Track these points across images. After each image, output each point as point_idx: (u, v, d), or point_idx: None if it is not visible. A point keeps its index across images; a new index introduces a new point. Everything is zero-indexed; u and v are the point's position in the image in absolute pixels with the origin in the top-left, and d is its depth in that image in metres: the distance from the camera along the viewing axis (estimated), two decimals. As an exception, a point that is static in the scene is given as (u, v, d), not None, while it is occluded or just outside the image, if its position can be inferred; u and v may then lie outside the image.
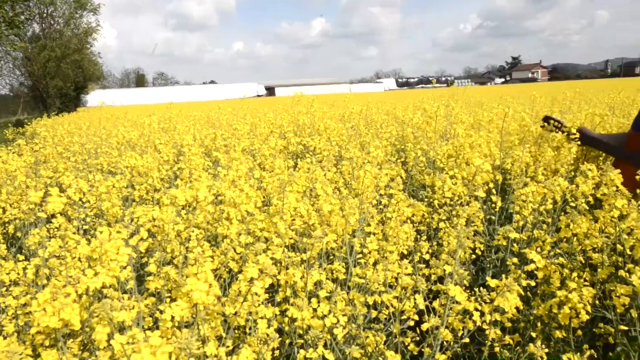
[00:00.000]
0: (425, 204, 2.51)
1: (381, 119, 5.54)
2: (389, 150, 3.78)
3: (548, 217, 2.02)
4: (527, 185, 1.96)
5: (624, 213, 1.50)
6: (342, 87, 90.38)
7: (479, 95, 15.20)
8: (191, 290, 0.86)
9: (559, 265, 1.69)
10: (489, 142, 2.89)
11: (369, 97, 11.94)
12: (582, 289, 1.30)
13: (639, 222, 1.41)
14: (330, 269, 1.65)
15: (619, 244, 1.60)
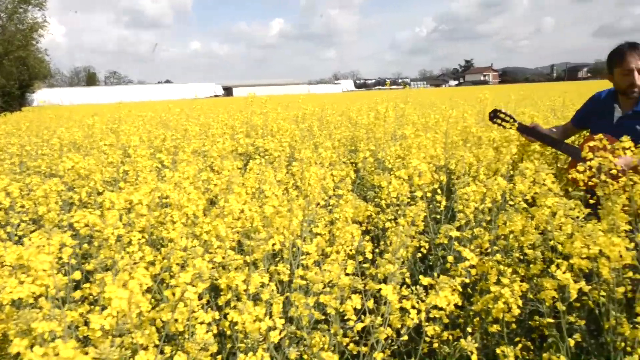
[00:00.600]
0: (374, 204, 2.54)
1: (335, 120, 5.59)
2: (341, 151, 3.82)
3: (488, 216, 2.09)
4: (469, 185, 2.02)
5: (554, 211, 1.57)
6: (300, 88, 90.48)
7: (433, 97, 15.58)
8: (110, 298, 0.83)
9: (495, 262, 1.76)
10: (435, 143, 2.96)
11: (325, 98, 12.00)
12: (514, 284, 1.35)
13: (567, 219, 1.48)
14: (275, 271, 1.64)
15: (551, 241, 1.68)
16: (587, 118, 2.93)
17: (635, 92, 2.62)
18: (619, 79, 2.67)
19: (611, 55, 2.73)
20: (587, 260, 1.35)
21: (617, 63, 2.67)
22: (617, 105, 2.73)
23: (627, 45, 2.66)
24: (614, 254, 1.25)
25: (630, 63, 2.59)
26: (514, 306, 1.35)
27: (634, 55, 2.60)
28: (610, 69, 2.74)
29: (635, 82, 2.59)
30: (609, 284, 1.34)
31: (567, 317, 1.40)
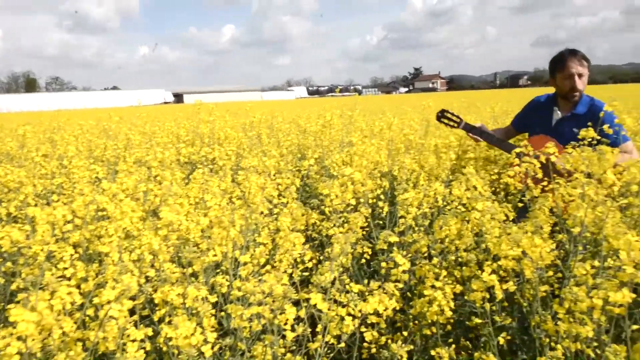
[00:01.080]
0: (318, 212, 2.56)
1: (285, 127, 5.59)
2: (289, 159, 3.82)
3: (425, 221, 2.15)
4: (407, 191, 2.08)
5: (484, 215, 1.64)
6: (253, 95, 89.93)
7: (383, 104, 15.92)
8: (16, 321, 0.79)
9: (432, 266, 1.81)
10: (379, 150, 3.03)
11: (277, 105, 12.00)
12: (445, 287, 1.40)
13: (494, 222, 1.55)
14: (213, 283, 1.61)
15: (483, 244, 1.75)
16: (527, 121, 3.06)
17: (576, 96, 2.78)
18: (561, 83, 2.81)
19: (553, 61, 2.89)
20: (515, 262, 1.42)
21: (559, 68, 2.82)
22: (556, 108, 2.87)
23: (568, 52, 2.82)
24: (535, 255, 1.32)
25: (571, 68, 2.75)
26: (446, 309, 1.40)
27: (574, 60, 2.76)
28: (552, 74, 2.89)
29: (576, 86, 2.74)
30: (532, 283, 1.41)
31: (494, 317, 1.46)
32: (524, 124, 3.08)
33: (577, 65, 2.75)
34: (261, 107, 12.83)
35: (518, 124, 3.15)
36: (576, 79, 2.74)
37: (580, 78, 2.75)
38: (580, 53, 2.80)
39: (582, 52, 2.80)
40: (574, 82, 2.74)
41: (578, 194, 1.52)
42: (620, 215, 1.55)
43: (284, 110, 10.77)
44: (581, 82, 2.76)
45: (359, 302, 1.18)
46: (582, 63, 2.76)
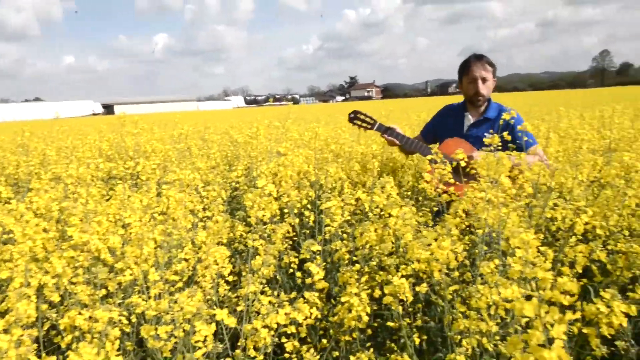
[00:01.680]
0: (244, 223, 2.54)
1: (216, 138, 5.50)
2: (220, 170, 3.76)
3: (349, 229, 2.20)
4: (330, 200, 2.11)
5: (399, 221, 1.70)
6: (189, 105, 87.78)
7: (319, 112, 16.10)
8: None
9: (354, 272, 1.85)
10: (308, 159, 3.06)
11: (210, 115, 11.79)
12: (362, 293, 1.43)
13: (407, 227, 1.61)
14: (129, 304, 1.55)
15: (400, 248, 1.81)
16: (438, 128, 3.10)
17: (480, 100, 2.89)
18: (466, 87, 2.93)
19: (460, 66, 3.00)
20: (426, 264, 1.49)
21: (464, 73, 2.94)
22: (467, 114, 2.97)
23: (474, 57, 2.94)
24: (442, 257, 1.39)
25: (474, 72, 2.86)
26: (363, 314, 1.43)
27: (477, 65, 2.88)
28: (460, 78, 3.01)
29: (479, 90, 2.85)
30: (441, 284, 1.48)
31: (406, 319, 1.51)
32: (434, 133, 3.11)
33: (481, 69, 2.85)
34: (195, 118, 12.56)
35: (427, 134, 3.16)
36: (479, 82, 2.84)
37: (484, 82, 2.86)
38: (486, 58, 2.91)
39: (487, 58, 2.91)
40: (477, 86, 2.84)
41: (481, 197, 1.61)
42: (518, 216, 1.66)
43: (217, 121, 10.62)
44: (485, 87, 2.87)
45: (272, 314, 1.18)
46: (486, 68, 2.87)
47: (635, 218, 1.93)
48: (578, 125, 5.13)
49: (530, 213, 1.88)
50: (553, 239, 1.96)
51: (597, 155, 3.30)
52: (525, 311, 0.69)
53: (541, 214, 1.78)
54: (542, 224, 1.95)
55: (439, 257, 1.39)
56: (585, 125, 4.91)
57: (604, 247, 1.86)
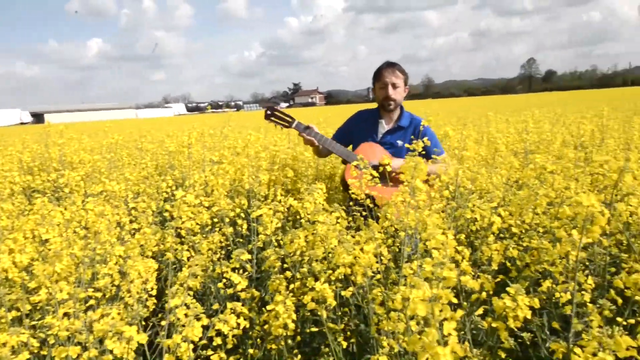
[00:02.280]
0: (175, 235, 2.47)
1: (151, 147, 5.33)
2: (154, 180, 3.64)
3: (279, 236, 2.21)
4: (260, 208, 2.10)
5: (323, 227, 1.72)
6: (127, 113, 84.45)
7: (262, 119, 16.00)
8: None
9: (284, 279, 1.85)
10: (243, 168, 3.03)
11: (149, 123, 11.41)
12: (287, 300, 1.43)
13: (332, 232, 1.63)
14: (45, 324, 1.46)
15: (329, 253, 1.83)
16: (351, 133, 3.10)
17: (392, 105, 2.99)
18: (378, 92, 3.04)
19: (374, 73, 3.09)
20: (350, 268, 1.51)
21: (376, 78, 3.05)
22: (382, 121, 3.06)
23: (386, 64, 3.05)
24: (365, 261, 1.42)
25: (385, 78, 2.98)
26: (288, 321, 1.43)
27: (389, 71, 2.99)
28: (373, 84, 3.11)
29: (389, 95, 2.96)
30: (363, 288, 1.51)
31: (329, 324, 1.54)
32: (347, 137, 3.08)
33: (392, 75, 2.97)
34: (132, 126, 12.11)
35: (341, 137, 3.11)
36: (390, 88, 2.95)
37: (394, 88, 2.97)
38: (398, 66, 3.02)
39: (399, 66, 3.03)
40: (388, 91, 2.95)
41: (401, 200, 1.67)
42: (440, 217, 1.73)
43: (155, 129, 10.30)
44: (395, 92, 2.97)
45: (186, 327, 1.16)
46: (397, 75, 2.99)
47: (547, 216, 2.06)
48: (504, 129, 5.45)
49: (453, 215, 1.97)
50: (474, 239, 2.07)
51: (519, 157, 3.53)
52: (418, 311, 0.72)
53: (460, 215, 1.87)
54: (463, 225, 2.05)
55: (362, 261, 1.42)
56: (511, 129, 5.23)
57: (519, 244, 1.98)
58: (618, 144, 3.76)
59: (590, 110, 8.44)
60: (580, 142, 3.99)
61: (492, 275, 1.78)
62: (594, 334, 0.81)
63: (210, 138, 5.63)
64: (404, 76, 3.03)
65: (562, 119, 6.74)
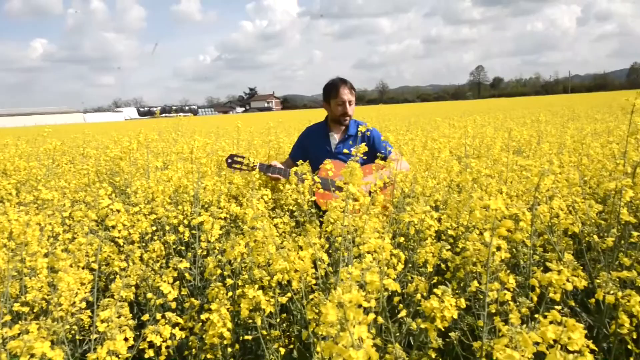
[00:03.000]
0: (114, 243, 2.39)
1: (94, 153, 5.13)
2: (96, 187, 3.50)
3: (223, 243, 2.18)
4: (200, 215, 2.07)
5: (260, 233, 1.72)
6: (74, 117, 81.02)
7: (218, 124, 15.77)
8: None
9: (221, 286, 1.83)
10: (188, 174, 2.97)
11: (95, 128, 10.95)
12: (221, 308, 1.42)
13: (269, 239, 1.63)
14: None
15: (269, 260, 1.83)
16: (304, 150, 3.24)
17: (347, 120, 3.16)
18: (335, 108, 3.15)
19: (327, 87, 3.20)
20: (286, 274, 1.51)
21: (332, 95, 3.15)
22: (332, 133, 3.21)
23: (339, 81, 3.16)
24: (300, 266, 1.42)
25: (343, 95, 3.11)
26: (223, 330, 1.41)
27: (345, 89, 3.13)
28: (326, 99, 3.21)
29: (347, 112, 3.12)
30: (300, 293, 1.51)
31: (264, 331, 1.53)
32: (303, 153, 3.20)
33: (348, 93, 3.13)
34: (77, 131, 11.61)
35: (296, 155, 3.22)
36: (347, 104, 3.11)
37: (350, 105, 3.14)
38: (349, 83, 3.18)
39: (350, 82, 3.18)
40: (345, 107, 3.11)
41: (336, 206, 1.69)
42: (377, 221, 1.77)
43: (102, 134, 9.92)
44: (350, 108, 3.15)
45: (108, 341, 1.12)
46: (351, 92, 3.16)
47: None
48: (450, 133, 5.63)
49: (393, 218, 2.01)
50: (414, 242, 2.12)
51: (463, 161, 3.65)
52: (329, 316, 0.73)
53: (399, 218, 1.91)
54: (402, 229, 2.10)
55: (297, 266, 1.42)
56: (456, 134, 5.41)
57: (454, 246, 2.05)
58: (552, 148, 3.97)
59: (532, 116, 8.87)
60: (518, 147, 4.18)
61: (428, 277, 1.84)
62: (504, 332, 0.85)
63: (158, 143, 5.50)
64: (355, 92, 3.21)
65: (505, 124, 7.04)
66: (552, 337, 0.76)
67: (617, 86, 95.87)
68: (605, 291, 1.21)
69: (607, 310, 1.43)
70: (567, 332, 0.76)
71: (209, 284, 2.21)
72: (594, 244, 1.64)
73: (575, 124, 6.81)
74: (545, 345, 0.83)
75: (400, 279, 1.92)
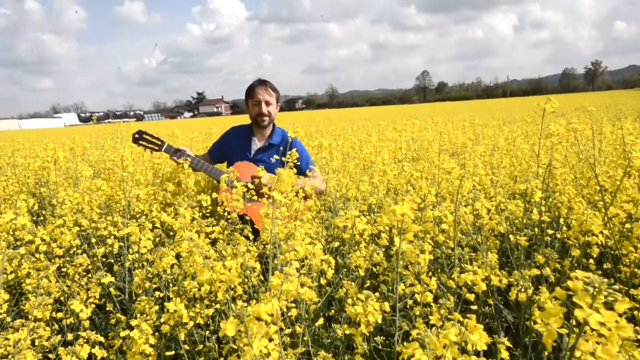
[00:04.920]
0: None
1: (22, 162, 4.83)
2: (21, 197, 3.29)
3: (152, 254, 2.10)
4: (129, 225, 1.98)
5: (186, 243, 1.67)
6: (9, 123, 76.22)
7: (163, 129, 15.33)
8: None
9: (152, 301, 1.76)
10: (120, 183, 2.85)
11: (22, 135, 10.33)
12: (142, 324, 1.35)
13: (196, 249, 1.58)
14: None
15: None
16: (225, 149, 3.18)
17: (265, 121, 3.08)
18: (252, 108, 3.12)
19: (246, 90, 3.17)
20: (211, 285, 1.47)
21: (249, 95, 3.13)
22: (254, 138, 3.14)
23: (258, 82, 3.14)
24: (225, 277, 1.39)
25: (258, 95, 3.07)
26: (145, 347, 1.35)
27: (261, 89, 3.09)
28: (246, 100, 3.18)
29: (262, 111, 3.06)
30: (227, 304, 1.48)
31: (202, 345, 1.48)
32: (222, 153, 3.20)
33: (265, 93, 3.09)
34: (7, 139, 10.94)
35: (213, 154, 3.21)
36: (263, 105, 3.07)
37: (267, 105, 3.09)
38: (270, 84, 3.15)
39: (271, 84, 3.16)
40: (261, 108, 3.06)
41: (263, 213, 1.67)
42: (309, 227, 1.76)
43: (33, 141, 9.37)
44: (268, 109, 3.09)
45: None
46: (269, 92, 3.11)
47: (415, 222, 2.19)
48: (393, 137, 5.75)
49: (324, 224, 2.01)
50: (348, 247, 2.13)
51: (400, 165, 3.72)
52: (227, 331, 0.70)
53: (331, 224, 1.91)
54: (337, 233, 2.11)
55: (223, 277, 1.39)
56: (400, 137, 5.53)
57: (389, 249, 2.08)
58: (487, 149, 4.13)
59: (471, 119, 9.23)
60: (455, 150, 4.33)
61: (360, 281, 1.85)
62: (413, 335, 0.86)
63: (94, 151, 5.26)
64: (276, 94, 3.16)
65: (446, 128, 7.28)
66: (453, 339, 0.77)
67: (550, 90, 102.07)
68: (518, 289, 1.26)
69: (525, 307, 1.49)
70: (467, 334, 0.78)
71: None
72: (513, 243, 1.70)
73: (510, 127, 7.15)
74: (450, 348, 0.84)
75: (336, 284, 1.92)
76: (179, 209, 1.79)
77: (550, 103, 1.52)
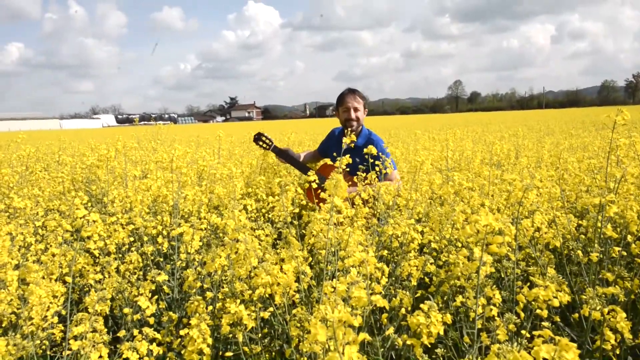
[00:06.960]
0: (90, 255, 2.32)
1: (69, 160, 5.00)
2: (71, 195, 3.40)
3: (203, 255, 2.13)
4: (180, 226, 2.01)
5: (242, 246, 1.68)
6: (50, 123, 79.22)
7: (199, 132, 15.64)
8: None
9: (202, 301, 1.78)
10: (167, 183, 2.90)
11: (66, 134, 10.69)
12: (201, 324, 1.37)
13: (250, 252, 1.59)
14: None
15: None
16: (326, 148, 3.57)
17: (354, 125, 3.39)
18: (341, 115, 3.46)
19: (337, 98, 3.52)
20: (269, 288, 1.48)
21: (340, 103, 3.47)
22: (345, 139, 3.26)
23: (348, 90, 3.49)
24: (283, 280, 1.39)
25: (347, 102, 3.40)
26: (203, 346, 1.37)
27: (350, 97, 3.43)
28: (337, 107, 3.52)
29: (350, 117, 3.38)
30: (282, 307, 1.48)
31: (245, 346, 1.48)
32: (325, 151, 3.58)
33: (353, 100, 3.41)
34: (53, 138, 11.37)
35: (321, 151, 3.67)
36: (352, 111, 3.38)
37: (356, 111, 3.40)
38: (358, 92, 3.47)
39: (359, 92, 3.48)
40: (350, 114, 3.38)
41: (321, 218, 1.67)
42: (361, 234, 1.75)
43: (75, 141, 9.70)
44: (356, 114, 3.40)
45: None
46: (357, 100, 3.42)
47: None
48: (430, 146, 5.69)
49: (376, 231, 2.00)
50: (396, 255, 2.11)
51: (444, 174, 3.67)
52: (318, 336, 0.70)
53: (382, 231, 1.90)
54: (386, 242, 2.09)
55: (280, 280, 1.39)
56: (437, 146, 5.47)
57: (439, 259, 2.04)
58: (530, 161, 4.03)
59: (509, 130, 9.03)
60: (497, 160, 4.24)
61: (412, 291, 1.82)
62: (494, 350, 0.83)
63: (137, 152, 5.40)
64: (364, 101, 3.47)
65: (483, 138, 7.15)
66: (544, 357, 0.75)
67: (588, 102, 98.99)
68: (591, 307, 1.21)
69: (590, 326, 1.44)
70: (560, 352, 0.75)
71: (188, 296, 2.16)
72: (575, 258, 1.65)
73: (551, 139, 6.96)
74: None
75: (384, 292, 1.90)
76: (234, 211, 1.81)
77: (621, 115, 1.46)
